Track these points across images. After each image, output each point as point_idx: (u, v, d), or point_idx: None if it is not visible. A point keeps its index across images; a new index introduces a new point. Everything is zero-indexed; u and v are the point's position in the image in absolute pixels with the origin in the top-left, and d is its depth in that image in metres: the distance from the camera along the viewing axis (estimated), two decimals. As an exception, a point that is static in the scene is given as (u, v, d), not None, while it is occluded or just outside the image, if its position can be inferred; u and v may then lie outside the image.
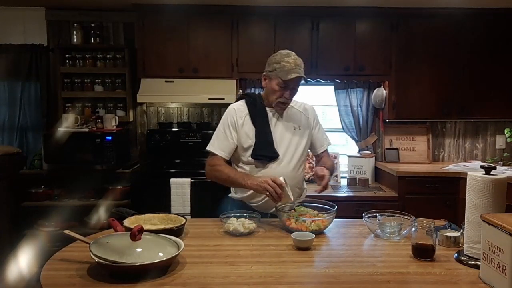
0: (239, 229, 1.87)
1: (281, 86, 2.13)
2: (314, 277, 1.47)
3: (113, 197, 3.61)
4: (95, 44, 4.05)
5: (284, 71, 2.10)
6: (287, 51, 2.18)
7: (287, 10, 3.79)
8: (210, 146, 2.25)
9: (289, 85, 2.13)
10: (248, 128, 2.19)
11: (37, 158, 3.84)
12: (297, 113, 2.29)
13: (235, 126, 2.20)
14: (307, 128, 2.29)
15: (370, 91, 4.13)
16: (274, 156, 2.16)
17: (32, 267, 3.06)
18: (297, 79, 2.12)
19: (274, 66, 2.14)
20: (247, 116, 2.21)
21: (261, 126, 2.18)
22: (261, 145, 2.15)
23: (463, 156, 4.32)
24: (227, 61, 3.84)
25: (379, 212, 1.93)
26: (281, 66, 2.11)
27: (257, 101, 2.24)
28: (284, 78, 2.09)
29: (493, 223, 1.33)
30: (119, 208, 2.10)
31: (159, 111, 4.26)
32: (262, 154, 2.15)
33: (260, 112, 2.21)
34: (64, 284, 1.37)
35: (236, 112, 2.23)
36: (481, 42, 3.87)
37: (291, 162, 2.20)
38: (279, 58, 2.14)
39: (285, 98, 2.15)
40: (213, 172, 2.20)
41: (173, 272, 1.45)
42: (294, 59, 2.14)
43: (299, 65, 2.13)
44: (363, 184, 3.87)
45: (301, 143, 2.24)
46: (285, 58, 2.13)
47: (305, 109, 2.32)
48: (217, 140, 2.23)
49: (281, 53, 2.17)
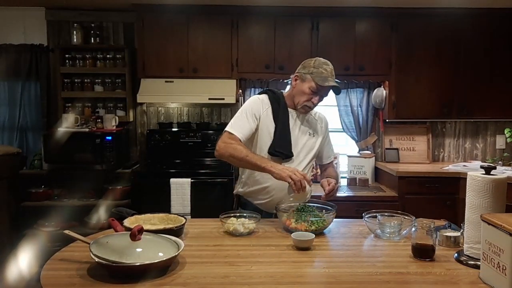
0: (239, 229, 1.87)
1: (313, 91, 2.15)
2: (314, 277, 1.47)
3: (113, 197, 3.62)
4: (95, 44, 4.05)
5: (321, 77, 2.13)
6: (325, 60, 2.21)
7: (287, 10, 3.79)
8: (228, 127, 2.15)
9: (321, 92, 2.16)
10: (269, 122, 2.19)
11: (37, 158, 3.84)
12: (313, 120, 2.34)
13: (258, 114, 2.19)
14: (320, 136, 2.33)
15: (370, 91, 4.13)
16: (289, 155, 2.17)
17: (32, 267, 3.06)
18: (329, 88, 2.16)
19: (312, 69, 2.16)
20: (269, 110, 2.21)
21: (282, 124, 2.19)
22: (280, 142, 2.16)
23: (463, 156, 4.32)
24: (227, 61, 3.84)
25: (379, 212, 1.94)
26: (319, 71, 2.14)
27: (280, 99, 2.25)
28: (321, 83, 2.12)
29: (493, 223, 1.33)
30: (119, 208, 2.09)
31: (159, 111, 4.27)
32: (279, 151, 2.15)
33: (282, 110, 2.22)
34: (64, 284, 1.37)
35: (262, 102, 2.22)
36: (481, 42, 3.87)
37: (302, 164, 2.22)
38: (317, 64, 2.17)
39: (312, 103, 2.18)
40: (228, 148, 2.04)
41: (173, 272, 1.45)
42: (331, 69, 2.18)
43: (333, 75, 2.18)
44: (363, 184, 3.87)
45: (314, 148, 2.29)
46: (323, 66, 2.16)
47: (320, 118, 2.37)
48: (237, 122, 2.15)
49: (320, 60, 2.20)
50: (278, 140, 2.16)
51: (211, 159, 3.97)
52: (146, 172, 3.83)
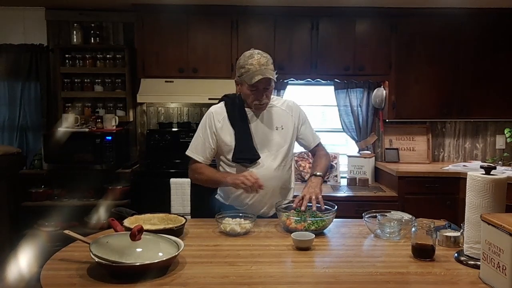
0: (236, 229, 1.87)
1: (252, 90, 2.05)
2: (314, 277, 1.47)
3: (113, 197, 3.62)
4: (95, 44, 4.04)
5: (248, 75, 2.01)
6: (251, 52, 2.08)
7: (287, 10, 3.79)
8: (188, 151, 2.21)
9: (259, 87, 2.04)
10: (227, 131, 2.15)
11: (37, 158, 3.84)
12: (279, 111, 2.21)
13: (213, 130, 2.16)
14: (291, 126, 2.21)
15: (370, 91, 4.13)
16: (255, 158, 2.12)
17: (32, 267, 3.06)
18: (264, 80, 2.02)
19: (240, 71, 2.07)
20: (225, 119, 2.16)
21: (240, 128, 2.13)
22: (240, 148, 2.11)
23: (463, 156, 4.32)
24: (227, 61, 3.83)
25: (379, 212, 1.94)
26: (246, 70, 2.03)
27: (236, 102, 2.19)
28: (249, 82, 2.01)
29: (493, 223, 1.34)
30: (119, 208, 2.10)
31: (159, 111, 4.26)
32: (242, 157, 2.12)
33: (239, 114, 2.16)
34: (64, 284, 1.37)
35: (214, 116, 2.18)
36: (481, 42, 3.86)
37: (274, 162, 2.15)
38: (242, 62, 2.06)
39: (260, 101, 2.08)
40: (194, 175, 2.21)
41: (173, 272, 1.45)
42: (258, 59, 2.02)
43: (263, 64, 2.02)
44: (363, 184, 3.87)
45: (285, 143, 2.18)
46: (248, 61, 2.04)
47: (289, 107, 2.24)
48: (195, 145, 2.19)
49: (245, 56, 2.08)
50: (238, 146, 2.12)
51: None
52: (146, 172, 3.83)
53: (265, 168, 2.13)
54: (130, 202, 3.63)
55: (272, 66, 2.07)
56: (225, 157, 2.18)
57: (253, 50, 2.09)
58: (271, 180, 2.12)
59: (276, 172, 2.15)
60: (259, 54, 2.06)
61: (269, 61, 2.06)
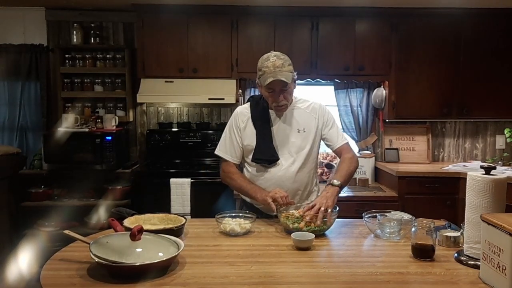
0: (236, 229, 1.87)
1: (269, 92, 2.08)
2: (314, 277, 1.47)
3: (113, 197, 3.61)
4: (95, 44, 4.04)
5: (263, 77, 2.05)
6: (268, 54, 2.10)
7: (287, 10, 3.79)
8: (218, 150, 2.26)
9: (275, 89, 2.06)
10: (250, 131, 2.18)
11: (37, 158, 3.84)
12: (303, 114, 2.21)
13: (238, 129, 2.20)
14: (313, 129, 2.20)
15: (370, 91, 4.13)
16: (274, 159, 2.14)
17: (32, 267, 3.06)
18: (278, 82, 2.03)
19: (259, 74, 2.11)
20: (249, 120, 2.20)
21: (262, 129, 2.16)
22: (260, 148, 2.14)
23: (463, 156, 4.32)
24: (227, 61, 3.84)
25: (379, 212, 1.94)
26: (262, 72, 2.07)
27: (259, 103, 2.22)
28: (263, 84, 2.05)
29: (493, 223, 1.33)
30: (119, 208, 2.10)
31: (159, 111, 4.26)
32: (261, 158, 2.14)
33: (262, 115, 2.18)
34: (64, 284, 1.37)
35: (239, 116, 2.23)
36: (481, 42, 3.86)
37: (294, 165, 2.15)
38: (260, 65, 2.10)
39: (278, 102, 2.10)
40: (227, 179, 2.23)
41: (173, 272, 1.45)
42: (273, 61, 2.05)
43: (278, 66, 2.03)
44: (363, 184, 3.87)
45: (306, 145, 2.17)
46: (264, 63, 2.07)
47: (314, 109, 2.24)
48: (224, 144, 2.24)
49: (262, 58, 2.11)
50: (258, 147, 2.15)
51: (211, 159, 3.97)
52: (146, 172, 3.83)
53: (284, 170, 2.14)
54: (130, 202, 3.63)
55: (289, 68, 2.08)
56: (247, 157, 2.22)
57: (271, 52, 2.13)
58: (289, 181, 2.14)
59: (295, 174, 2.16)
60: (275, 56, 2.07)
61: (285, 63, 2.07)
